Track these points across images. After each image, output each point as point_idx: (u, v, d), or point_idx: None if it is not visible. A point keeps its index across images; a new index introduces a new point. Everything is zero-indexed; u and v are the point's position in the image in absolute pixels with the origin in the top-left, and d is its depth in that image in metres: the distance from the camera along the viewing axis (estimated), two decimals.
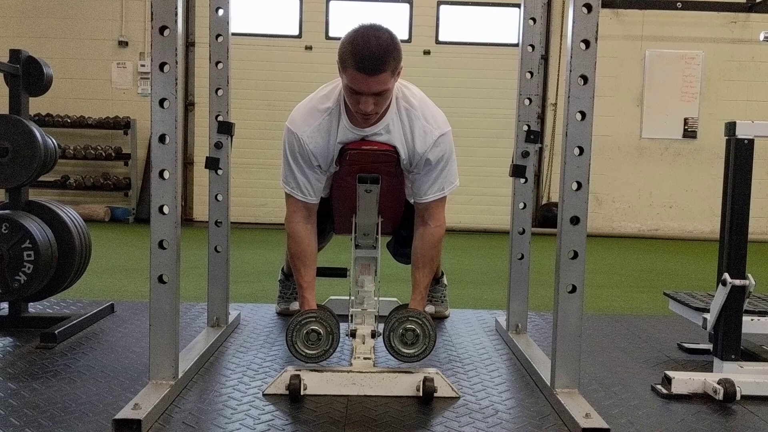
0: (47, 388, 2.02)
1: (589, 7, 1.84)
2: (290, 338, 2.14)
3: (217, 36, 2.57)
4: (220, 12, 2.57)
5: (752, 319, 2.26)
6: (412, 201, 2.59)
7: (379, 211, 2.38)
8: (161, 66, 1.84)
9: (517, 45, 2.70)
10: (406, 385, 2.01)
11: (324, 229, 2.72)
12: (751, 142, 2.16)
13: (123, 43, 7.96)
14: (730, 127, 2.18)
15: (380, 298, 2.38)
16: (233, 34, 2.62)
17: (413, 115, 2.27)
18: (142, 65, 7.93)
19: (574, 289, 1.92)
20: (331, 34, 7.87)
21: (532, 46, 2.61)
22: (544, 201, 8.06)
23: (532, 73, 2.62)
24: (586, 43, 1.85)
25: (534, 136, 2.62)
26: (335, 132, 2.26)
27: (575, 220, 1.90)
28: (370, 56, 2.05)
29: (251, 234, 6.66)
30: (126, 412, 1.74)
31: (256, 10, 7.96)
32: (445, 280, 3.12)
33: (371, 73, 2.06)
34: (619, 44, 7.94)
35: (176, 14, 1.82)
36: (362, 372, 2.04)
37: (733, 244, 2.18)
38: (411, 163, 2.31)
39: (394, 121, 2.26)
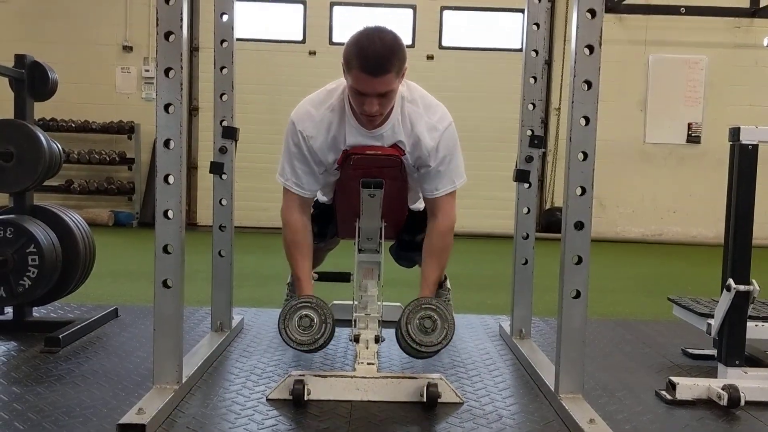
0: (51, 392, 2.02)
1: (593, 12, 1.84)
2: (283, 321, 2.12)
3: (222, 41, 2.58)
4: (225, 17, 2.57)
5: (756, 325, 2.26)
6: (414, 205, 2.59)
7: (382, 215, 2.38)
8: (166, 71, 1.85)
9: (520, 50, 2.71)
10: (409, 390, 2.01)
11: (327, 233, 2.72)
12: (755, 147, 2.16)
13: (127, 48, 7.99)
14: (735, 133, 2.18)
15: (383, 303, 2.38)
16: (238, 40, 2.62)
17: (415, 112, 2.29)
18: (146, 70, 7.96)
19: (578, 295, 1.92)
20: (334, 40, 7.89)
21: (536, 51, 2.62)
22: (548, 206, 8.05)
23: (535, 78, 2.63)
24: (590, 48, 1.85)
25: (538, 140, 2.62)
26: (337, 129, 2.28)
27: (579, 225, 1.90)
28: (374, 58, 2.06)
29: (255, 238, 6.67)
30: (130, 417, 1.74)
31: (261, 15, 7.98)
32: (448, 284, 3.11)
33: (376, 75, 2.07)
34: (623, 49, 7.93)
35: (181, 20, 1.83)
36: (366, 377, 2.03)
37: (737, 250, 2.18)
38: (418, 160, 2.32)
39: (399, 121, 2.28)
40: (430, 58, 7.95)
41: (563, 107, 7.79)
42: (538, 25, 2.61)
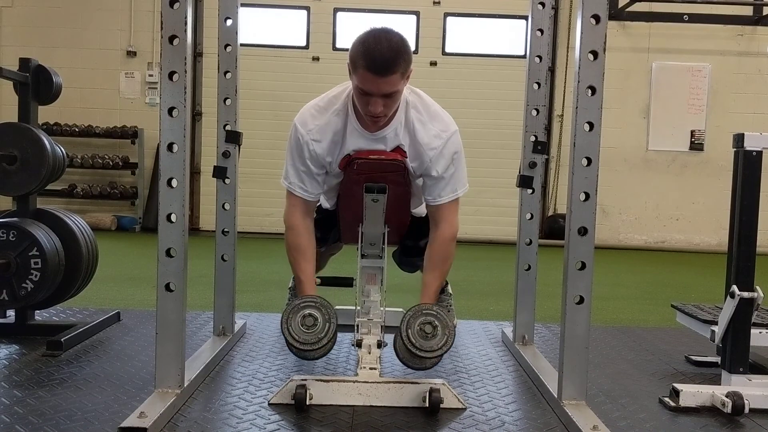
0: (53, 395, 2.02)
1: (597, 18, 1.84)
2: (286, 321, 2.10)
3: (226, 46, 2.59)
4: (229, 22, 2.58)
5: (760, 332, 2.25)
6: (416, 210, 2.59)
7: (385, 220, 2.38)
8: (170, 75, 1.85)
9: (523, 56, 2.71)
10: (412, 395, 2.00)
11: (329, 238, 2.72)
12: (759, 154, 2.16)
13: (131, 53, 8.01)
14: (739, 139, 2.18)
15: (386, 308, 2.37)
16: (241, 45, 2.63)
17: (420, 120, 2.31)
18: (150, 75, 7.99)
19: (581, 300, 1.91)
20: (338, 46, 7.91)
21: (540, 58, 2.62)
22: (550, 212, 8.05)
23: (539, 84, 2.63)
24: (594, 54, 1.85)
25: (541, 146, 2.62)
26: (341, 132, 2.29)
27: (583, 231, 1.89)
28: (381, 57, 2.08)
29: (257, 243, 6.67)
30: (132, 421, 1.74)
31: (265, 21, 8.00)
32: (449, 288, 3.11)
33: (382, 74, 2.09)
34: (626, 56, 7.94)
35: (186, 24, 1.83)
36: (368, 382, 2.03)
37: (741, 257, 2.17)
38: (420, 166, 2.32)
39: (402, 125, 2.29)
40: (433, 64, 7.96)
41: (566, 114, 7.80)
42: (542, 31, 2.61)
